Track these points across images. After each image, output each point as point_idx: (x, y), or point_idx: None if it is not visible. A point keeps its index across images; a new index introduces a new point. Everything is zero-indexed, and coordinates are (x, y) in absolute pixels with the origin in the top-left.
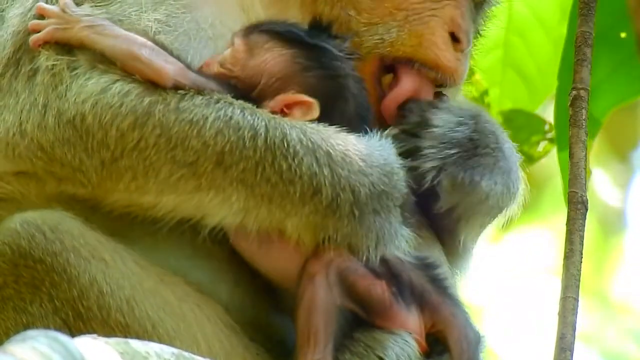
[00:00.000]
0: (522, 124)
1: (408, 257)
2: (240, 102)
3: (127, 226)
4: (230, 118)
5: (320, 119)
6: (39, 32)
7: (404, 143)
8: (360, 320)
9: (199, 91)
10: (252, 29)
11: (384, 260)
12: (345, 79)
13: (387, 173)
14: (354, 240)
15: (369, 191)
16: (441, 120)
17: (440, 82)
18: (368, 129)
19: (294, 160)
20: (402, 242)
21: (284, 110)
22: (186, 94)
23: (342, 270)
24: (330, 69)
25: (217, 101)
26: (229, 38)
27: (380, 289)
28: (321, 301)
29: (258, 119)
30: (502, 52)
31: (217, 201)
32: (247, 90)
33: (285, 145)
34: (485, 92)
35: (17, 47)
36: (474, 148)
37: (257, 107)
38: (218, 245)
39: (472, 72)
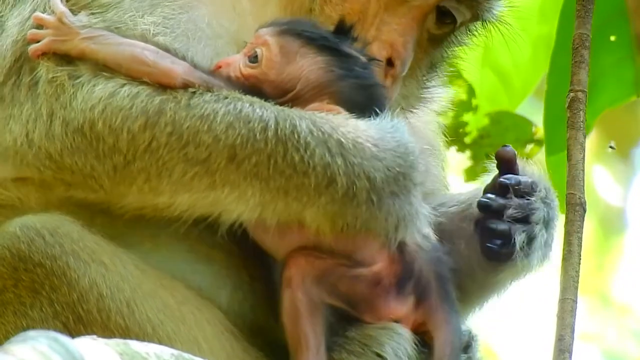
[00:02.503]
0: (509, 125)
1: (427, 244)
2: (249, 96)
3: (126, 231)
4: (240, 111)
5: None
6: (38, 41)
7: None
8: (350, 317)
9: (208, 88)
10: (284, 30)
11: (401, 244)
12: (375, 89)
13: (401, 154)
14: (374, 225)
15: (384, 175)
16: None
17: None
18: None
19: (305, 151)
20: (424, 222)
21: None
22: (196, 91)
23: (322, 270)
24: (361, 79)
25: (226, 97)
26: (226, 38)
27: (363, 284)
28: (302, 304)
29: (267, 111)
30: (481, 52)
31: (232, 197)
32: (277, 95)
33: (296, 136)
34: (472, 94)
35: (18, 56)
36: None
37: None
38: (217, 250)
39: (457, 75)
